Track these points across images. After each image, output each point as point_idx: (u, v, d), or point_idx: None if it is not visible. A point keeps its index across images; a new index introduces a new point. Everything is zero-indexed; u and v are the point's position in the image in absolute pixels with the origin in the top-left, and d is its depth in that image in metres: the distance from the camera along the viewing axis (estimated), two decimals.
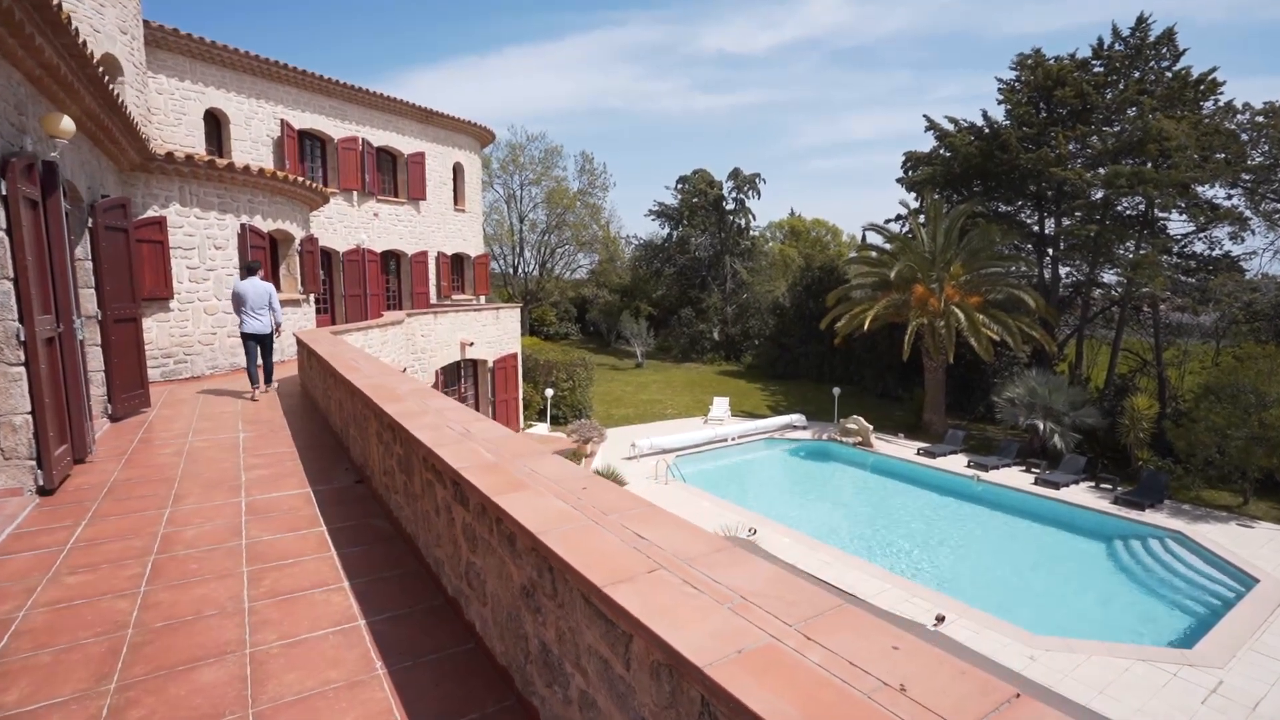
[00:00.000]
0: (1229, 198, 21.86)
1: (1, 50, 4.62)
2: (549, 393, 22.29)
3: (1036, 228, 25.99)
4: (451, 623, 3.01)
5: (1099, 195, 23.00)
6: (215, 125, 15.51)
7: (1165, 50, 22.73)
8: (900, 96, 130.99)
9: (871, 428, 21.08)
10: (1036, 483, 17.26)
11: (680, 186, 43.54)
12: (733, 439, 21.65)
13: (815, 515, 16.30)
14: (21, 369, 4.59)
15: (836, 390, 24.22)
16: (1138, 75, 22.99)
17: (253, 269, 8.46)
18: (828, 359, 30.96)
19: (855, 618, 1.51)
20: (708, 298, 41.27)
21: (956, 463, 19.16)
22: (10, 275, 4.50)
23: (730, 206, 42.71)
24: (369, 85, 18.74)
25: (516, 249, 43.65)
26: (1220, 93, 21.75)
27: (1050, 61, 24.11)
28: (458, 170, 22.57)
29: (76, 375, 5.58)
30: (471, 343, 18.95)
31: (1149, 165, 21.21)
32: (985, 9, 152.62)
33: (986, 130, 25.62)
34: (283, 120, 16.48)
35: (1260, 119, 20.08)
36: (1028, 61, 24.62)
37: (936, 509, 16.81)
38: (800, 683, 1.29)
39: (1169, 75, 22.64)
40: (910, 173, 28.69)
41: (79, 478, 5.26)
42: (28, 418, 4.64)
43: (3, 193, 4.40)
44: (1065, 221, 24.61)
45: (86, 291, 6.97)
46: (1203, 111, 21.75)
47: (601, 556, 1.85)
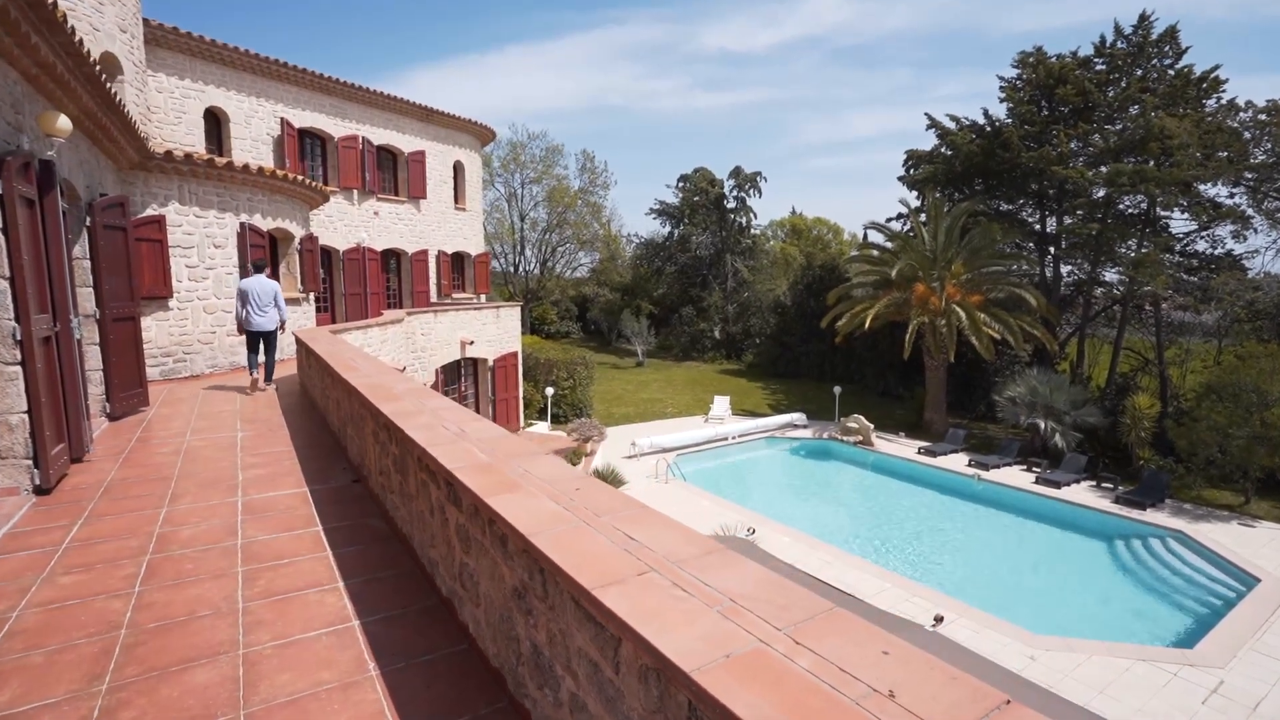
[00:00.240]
0: (1231, 196, 21.78)
1: None
2: (549, 391, 22.28)
3: (1038, 226, 25.92)
4: (445, 623, 2.99)
5: (1101, 194, 22.94)
6: (215, 124, 15.50)
7: (1167, 48, 22.65)
8: (901, 95, 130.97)
9: (872, 426, 21.05)
10: (1037, 482, 17.23)
11: (681, 185, 43.52)
12: (733, 438, 21.63)
13: (816, 514, 16.29)
14: (18, 368, 4.58)
15: (837, 389, 24.19)
16: (1140, 73, 22.91)
17: (259, 267, 8.76)
18: (829, 358, 30.93)
19: (846, 622, 1.50)
20: (709, 296, 41.24)
21: (957, 462, 19.13)
22: (6, 274, 4.49)
23: (731, 205, 42.69)
24: (369, 84, 18.74)
25: (517, 247, 43.67)
26: (1223, 91, 21.67)
27: (1052, 59, 24.03)
28: (458, 169, 22.55)
29: (74, 374, 5.57)
30: (472, 341, 18.94)
31: (1151, 163, 21.15)
32: (987, 7, 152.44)
33: (988, 128, 25.55)
34: (283, 119, 16.47)
35: (1263, 117, 19.98)
36: (1029, 59, 24.54)
37: (937, 508, 16.78)
38: (788, 689, 1.27)
39: (1171, 73, 22.56)
40: (911, 171, 28.63)
41: (76, 477, 5.26)
42: (24, 417, 4.63)
43: None
44: (1067, 220, 24.53)
45: (84, 290, 6.97)
46: (1205, 109, 21.65)
47: (592, 559, 1.84)
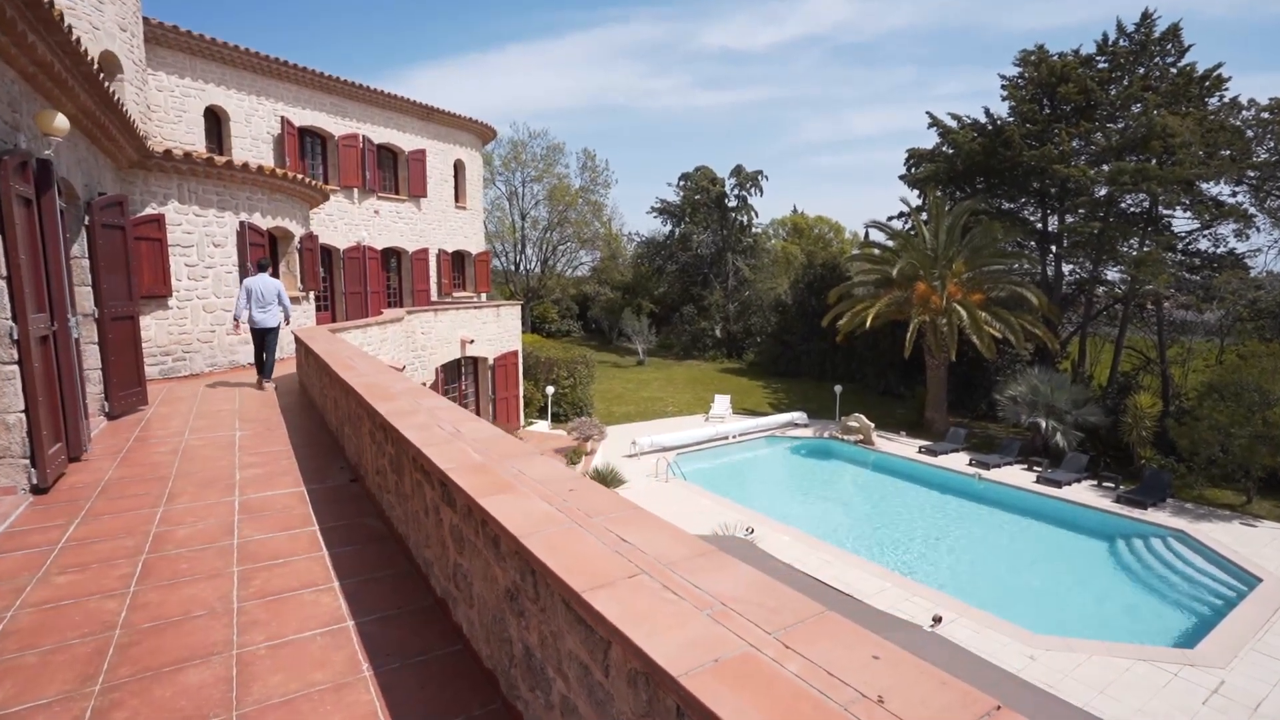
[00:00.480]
0: (1234, 195, 21.73)
1: None
2: (550, 390, 22.28)
3: (1039, 225, 25.86)
4: (440, 624, 2.99)
5: (1102, 192, 22.88)
6: (215, 122, 15.50)
7: (1170, 46, 22.56)
8: (903, 93, 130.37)
9: (873, 425, 21.02)
10: (1038, 481, 17.20)
11: (682, 184, 43.48)
12: (734, 437, 21.61)
13: (816, 513, 16.27)
14: (15, 367, 4.58)
15: (838, 388, 24.17)
16: (1142, 71, 22.83)
17: (263, 266, 8.98)
18: (829, 356, 30.89)
19: (836, 625, 1.49)
20: (710, 295, 41.22)
21: (958, 461, 19.11)
22: (3, 273, 4.49)
23: (732, 204, 42.65)
24: (370, 83, 18.73)
25: (518, 246, 43.67)
26: (1225, 89, 21.59)
27: (1054, 58, 23.97)
28: (459, 167, 22.54)
29: (71, 373, 5.57)
30: (472, 340, 18.94)
31: (1153, 162, 21.09)
32: (989, 5, 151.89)
33: (989, 127, 25.49)
34: (283, 117, 16.46)
35: (1266, 115, 19.93)
36: (1031, 58, 24.46)
37: (938, 507, 16.76)
38: (777, 694, 1.26)
39: (1174, 71, 22.47)
40: (913, 170, 28.56)
41: (73, 476, 5.25)
42: (21, 416, 4.63)
43: None
44: (1068, 218, 24.48)
45: (83, 289, 6.97)
46: (1208, 108, 21.58)
47: (582, 561, 1.83)
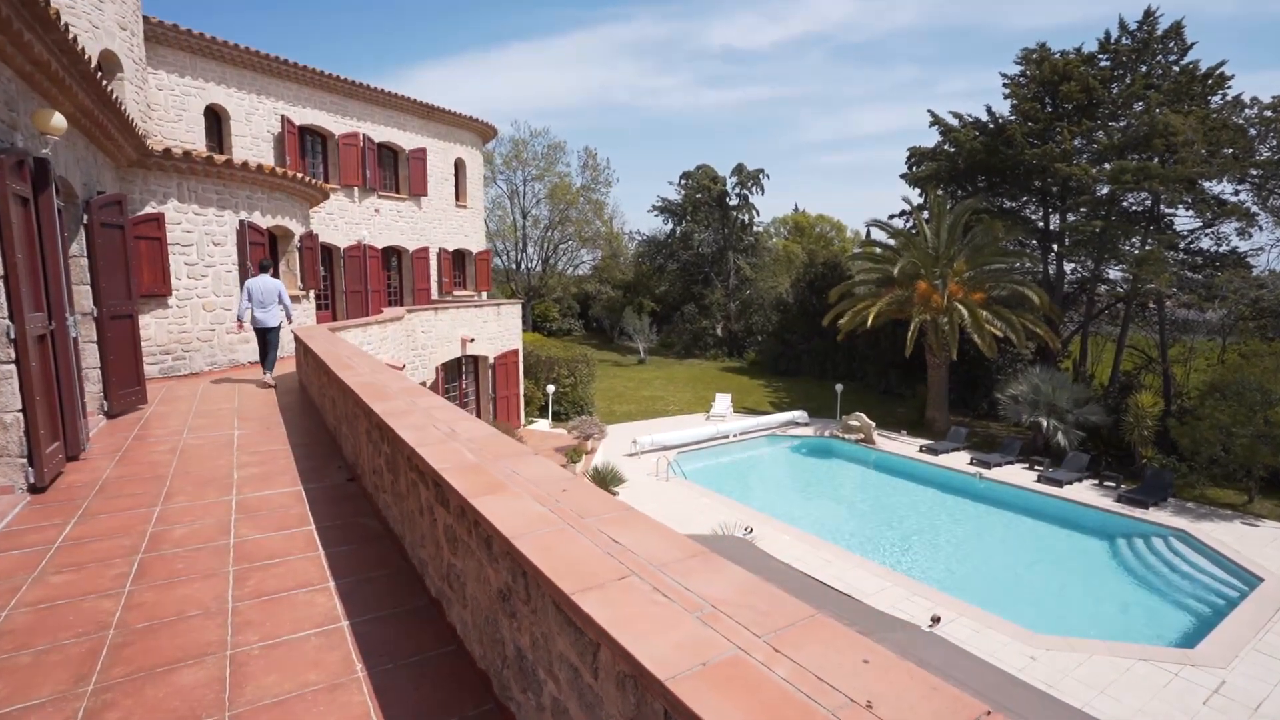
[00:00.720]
0: (1236, 193, 21.65)
1: None
2: (550, 389, 22.28)
3: (1041, 224, 25.78)
4: (434, 624, 2.98)
5: (1104, 191, 22.81)
6: (216, 121, 15.50)
7: (1173, 44, 22.47)
8: (905, 92, 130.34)
9: (874, 425, 21.00)
10: (1039, 480, 17.17)
11: (684, 182, 43.44)
12: (735, 436, 21.60)
13: (817, 512, 16.26)
14: (12, 366, 4.57)
15: (839, 387, 24.14)
16: (1145, 70, 22.75)
17: (264, 267, 9.15)
18: (831, 355, 30.86)
19: (827, 629, 1.47)
20: (711, 294, 41.20)
21: (959, 460, 19.08)
22: (0, 272, 4.48)
23: (734, 202, 42.61)
24: (371, 81, 18.78)
25: (519, 245, 43.65)
26: (1228, 87, 21.51)
27: (1056, 56, 23.87)
28: (459, 166, 22.53)
29: (69, 373, 5.56)
30: (472, 339, 18.94)
31: (1155, 160, 21.03)
32: (991, 3, 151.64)
33: (991, 125, 25.42)
34: (283, 116, 16.46)
35: (1269, 114, 19.86)
36: (1034, 56, 24.37)
37: (939, 506, 16.74)
38: (764, 699, 1.25)
39: (1176, 69, 22.38)
40: (914, 168, 28.49)
41: (71, 475, 5.25)
42: (18, 415, 4.63)
43: None
44: (1070, 217, 24.40)
45: (82, 288, 6.96)
46: (1210, 106, 21.50)
47: (573, 562, 1.81)
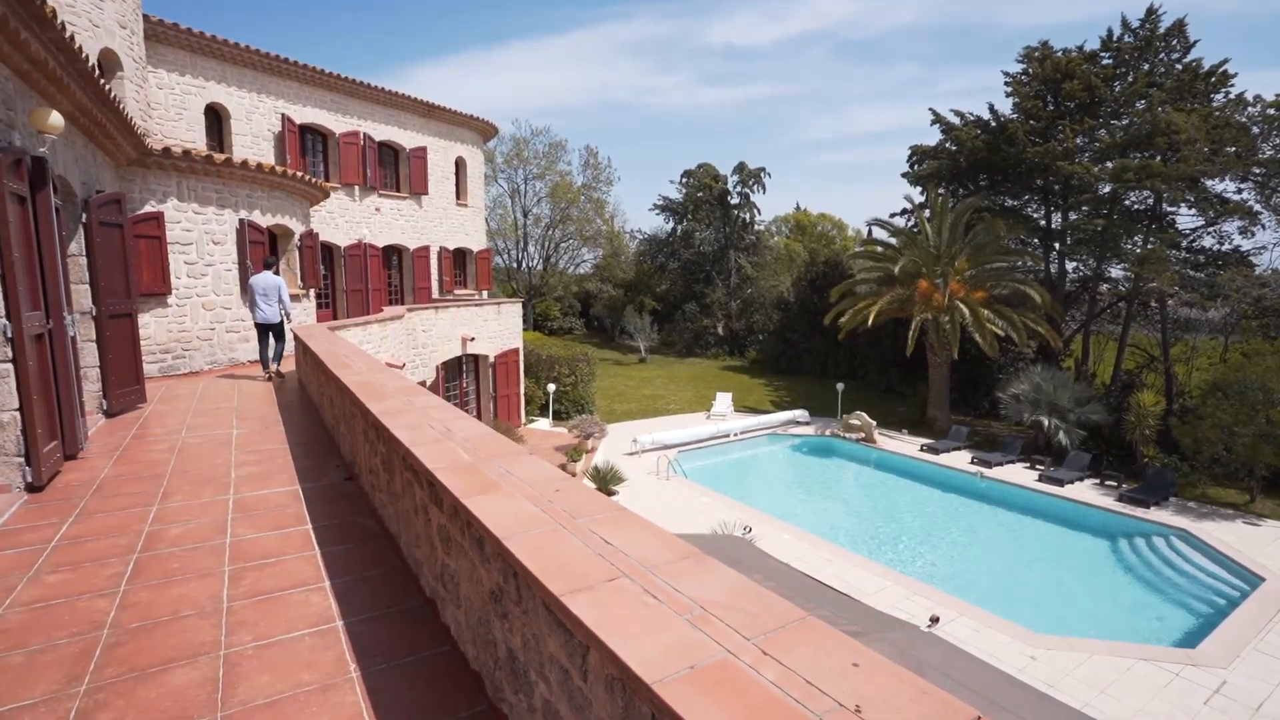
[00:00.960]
0: (1239, 191, 21.55)
1: None
2: (551, 388, 22.27)
3: (1043, 222, 25.71)
4: (428, 624, 2.97)
5: (1106, 189, 22.74)
6: (216, 120, 15.50)
7: (1175, 42, 22.39)
8: (907, 90, 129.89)
9: (875, 424, 20.97)
10: (1041, 480, 17.14)
11: (685, 181, 43.40)
12: (735, 435, 21.59)
13: (817, 512, 16.24)
14: (9, 365, 4.57)
15: (840, 386, 24.12)
16: (1147, 68, 22.66)
17: (268, 264, 9.36)
18: (832, 354, 30.83)
19: (817, 632, 1.46)
20: (712, 292, 41.16)
21: (960, 459, 19.05)
22: None
23: (735, 201, 42.56)
24: (372, 80, 18.72)
25: (520, 243, 43.65)
26: (1231, 85, 21.44)
27: (1058, 54, 23.78)
28: (460, 165, 22.52)
29: (67, 372, 5.56)
30: (473, 338, 18.94)
31: (1157, 159, 20.96)
32: (993, 1, 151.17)
33: (993, 124, 25.33)
34: (284, 115, 16.45)
35: (1271, 112, 19.76)
36: (1035, 54, 24.29)
37: (939, 506, 16.72)
38: (752, 703, 1.23)
39: (1179, 67, 22.30)
40: (916, 167, 28.42)
41: (69, 474, 5.25)
42: (15, 414, 4.62)
43: None
44: (1072, 216, 24.32)
45: (80, 287, 6.96)
46: (1213, 104, 21.41)
47: (564, 563, 1.80)
